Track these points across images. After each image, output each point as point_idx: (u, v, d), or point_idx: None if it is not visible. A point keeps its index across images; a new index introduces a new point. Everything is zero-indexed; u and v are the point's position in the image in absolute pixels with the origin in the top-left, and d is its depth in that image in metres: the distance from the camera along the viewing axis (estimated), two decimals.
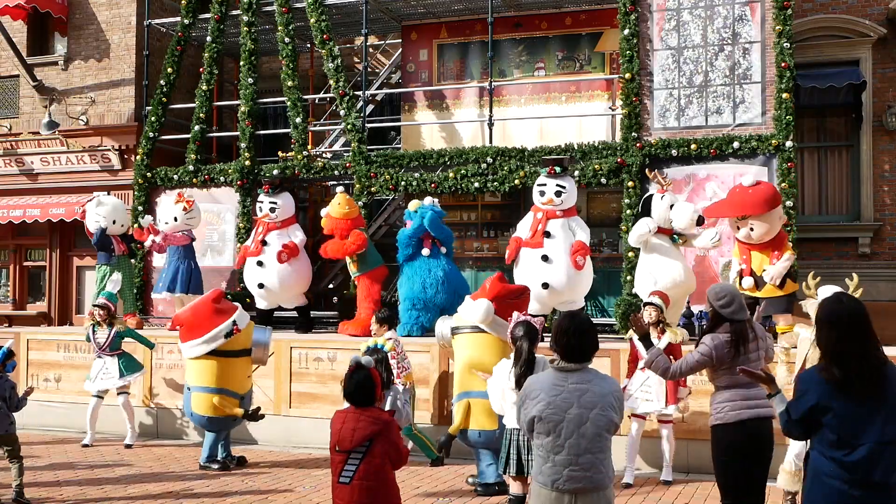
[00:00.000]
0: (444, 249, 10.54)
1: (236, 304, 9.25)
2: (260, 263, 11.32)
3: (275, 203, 11.46)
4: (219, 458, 8.91)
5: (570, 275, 9.64)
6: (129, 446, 10.00)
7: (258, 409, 9.12)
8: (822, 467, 3.82)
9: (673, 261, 9.34)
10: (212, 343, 8.70)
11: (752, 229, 9.04)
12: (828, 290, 7.65)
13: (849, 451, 3.73)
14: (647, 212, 9.59)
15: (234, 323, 8.79)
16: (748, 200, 9.11)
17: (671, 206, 9.39)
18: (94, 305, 10.34)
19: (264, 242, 11.35)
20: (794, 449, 6.73)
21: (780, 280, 8.95)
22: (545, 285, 9.58)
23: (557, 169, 9.86)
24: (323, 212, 11.22)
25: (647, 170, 10.42)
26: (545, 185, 9.88)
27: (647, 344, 5.65)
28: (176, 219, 11.91)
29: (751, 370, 4.52)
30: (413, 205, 10.65)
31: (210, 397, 8.72)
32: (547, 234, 9.69)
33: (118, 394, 10.12)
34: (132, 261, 12.67)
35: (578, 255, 9.59)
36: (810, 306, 7.46)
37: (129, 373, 10.11)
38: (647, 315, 7.93)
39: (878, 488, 3.69)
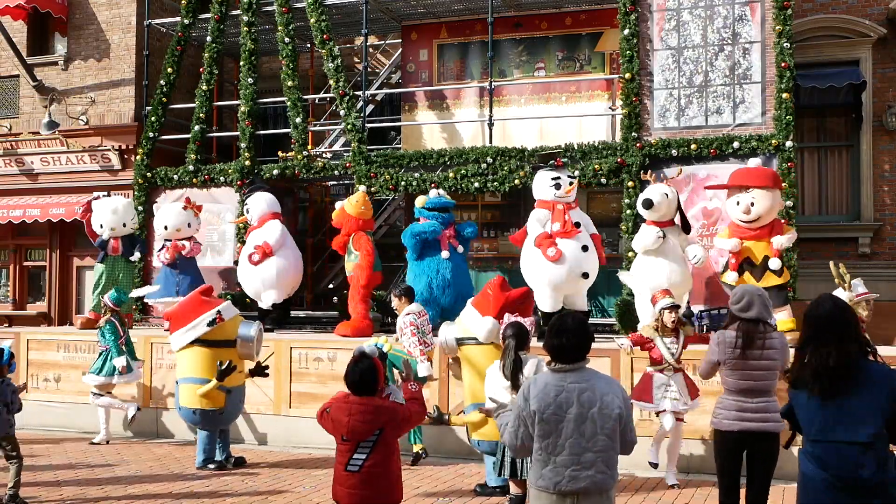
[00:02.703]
0: (460, 249, 10.53)
1: (226, 300, 9.28)
2: (235, 262, 11.42)
3: (246, 205, 11.62)
4: (216, 459, 8.91)
5: (596, 266, 9.83)
6: (93, 443, 10.10)
7: (265, 365, 8.98)
8: (804, 467, 3.89)
9: (671, 262, 9.31)
10: (195, 331, 8.73)
11: (752, 203, 8.94)
12: (860, 283, 7.69)
13: (821, 448, 3.79)
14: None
15: (218, 312, 8.79)
16: (753, 174, 9.15)
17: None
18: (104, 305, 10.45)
19: (243, 243, 11.55)
20: None
21: (787, 245, 9.00)
22: (585, 275, 9.60)
23: (564, 160, 9.90)
24: (338, 204, 11.11)
25: (643, 172, 10.38)
26: (559, 177, 9.80)
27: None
28: (189, 224, 11.92)
29: None
30: (420, 201, 10.60)
31: (195, 388, 8.68)
32: (577, 225, 9.65)
33: (93, 393, 10.18)
34: (131, 260, 12.54)
35: (594, 246, 9.76)
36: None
37: (108, 375, 10.09)
38: (670, 320, 7.90)
39: (861, 488, 3.71)
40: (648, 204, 9.16)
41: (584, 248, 9.59)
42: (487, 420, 7.41)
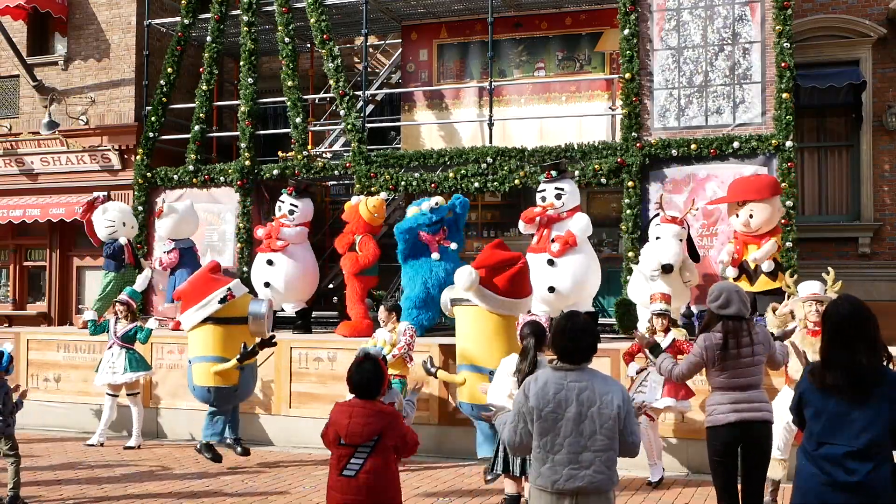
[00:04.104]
0: (453, 246, 10.49)
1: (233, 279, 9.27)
2: (269, 262, 11.29)
3: (295, 206, 11.48)
4: (226, 436, 8.95)
5: (575, 278, 9.67)
6: (129, 448, 9.98)
7: (272, 335, 8.97)
8: (803, 465, 3.89)
9: (670, 283, 9.31)
10: (207, 308, 8.70)
11: (751, 216, 9.09)
12: (808, 286, 7.68)
13: (825, 449, 3.78)
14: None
15: (229, 289, 8.79)
16: (750, 186, 9.29)
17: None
18: (116, 301, 10.42)
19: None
20: (778, 439, 6.76)
21: (764, 261, 9.05)
22: (551, 289, 9.58)
23: (554, 173, 9.92)
24: (354, 199, 11.12)
25: (656, 203, 10.39)
26: (544, 190, 9.97)
27: (657, 353, 5.91)
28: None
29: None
30: (412, 212, 10.58)
31: (209, 366, 8.67)
32: (552, 240, 9.72)
33: (127, 394, 10.13)
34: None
35: (556, 242, 9.63)
36: (793, 303, 7.50)
37: (134, 370, 10.03)
38: (660, 324, 7.95)
39: (853, 489, 3.72)
40: (669, 269, 9.23)
41: (550, 263, 9.62)
42: (469, 382, 7.49)
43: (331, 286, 13.83)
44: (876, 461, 3.72)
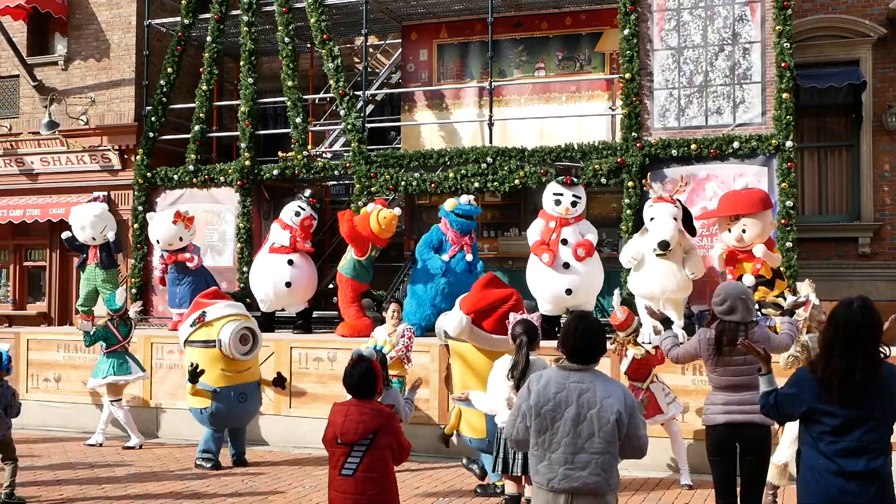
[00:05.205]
0: (469, 257, 10.35)
1: (223, 301, 9.36)
2: (290, 262, 11.29)
3: (314, 216, 11.68)
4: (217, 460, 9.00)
5: (587, 279, 9.84)
6: (129, 447, 9.98)
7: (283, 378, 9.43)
8: (813, 462, 3.93)
9: (666, 269, 9.30)
10: (183, 333, 9.12)
11: (744, 230, 9.10)
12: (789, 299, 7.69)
13: (837, 443, 3.85)
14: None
15: (203, 313, 8.97)
16: (741, 201, 9.24)
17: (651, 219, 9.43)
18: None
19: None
20: (785, 444, 6.75)
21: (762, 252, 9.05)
22: (569, 291, 9.72)
23: (574, 179, 10.02)
24: (370, 206, 10.99)
25: (644, 181, 10.39)
26: (562, 195, 9.93)
27: (668, 325, 6.27)
28: (182, 238, 11.88)
29: (751, 344, 4.63)
30: (450, 204, 10.41)
31: (192, 388, 8.94)
32: (563, 242, 9.82)
33: (109, 400, 10.15)
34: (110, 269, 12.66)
35: (580, 247, 9.77)
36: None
37: (94, 376, 10.06)
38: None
39: (864, 477, 3.82)
40: (665, 245, 9.19)
41: (566, 266, 9.71)
42: (471, 415, 7.46)
43: (331, 286, 13.83)
44: (882, 451, 3.85)
